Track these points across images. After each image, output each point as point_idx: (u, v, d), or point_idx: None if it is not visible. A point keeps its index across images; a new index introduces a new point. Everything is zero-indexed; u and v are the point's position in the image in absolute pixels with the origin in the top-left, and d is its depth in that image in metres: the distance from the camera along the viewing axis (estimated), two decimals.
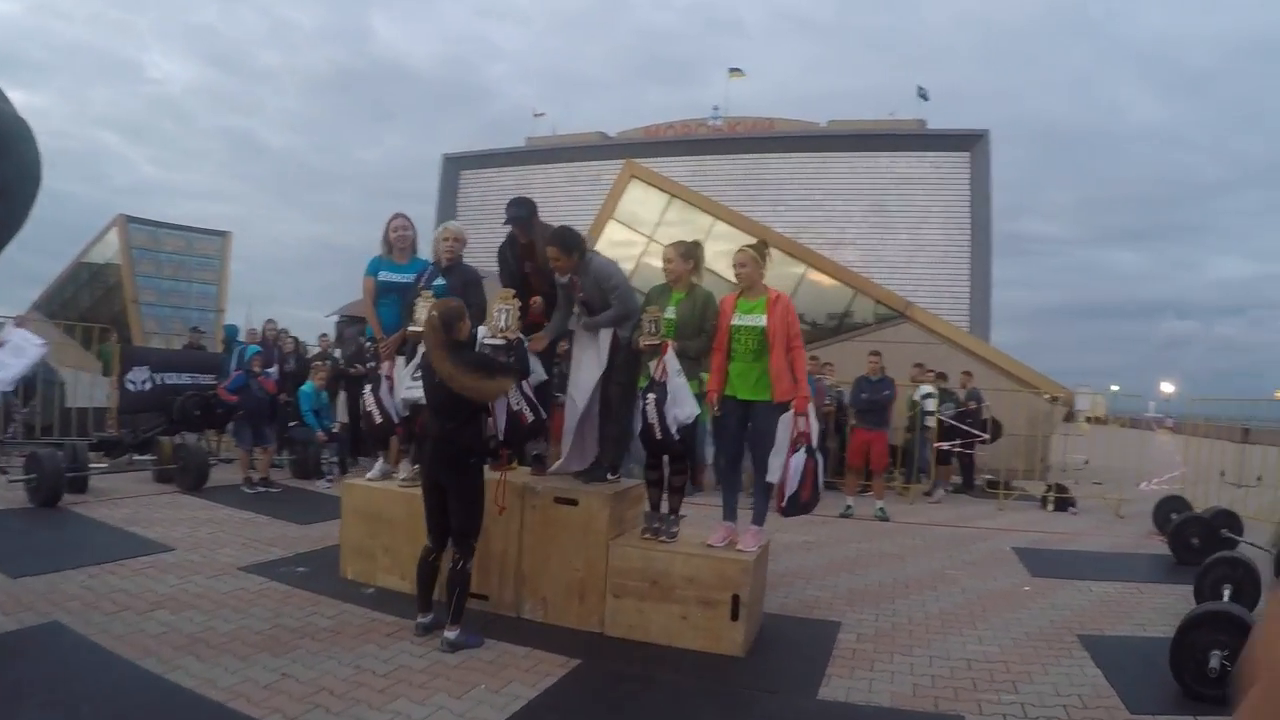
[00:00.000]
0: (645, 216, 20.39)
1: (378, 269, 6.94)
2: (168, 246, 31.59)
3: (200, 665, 4.73)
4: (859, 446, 11.84)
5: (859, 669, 5.38)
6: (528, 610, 5.99)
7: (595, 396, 6.24)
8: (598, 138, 62.90)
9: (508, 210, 6.56)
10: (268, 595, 6.20)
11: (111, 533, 7.91)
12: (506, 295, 6.15)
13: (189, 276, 32.07)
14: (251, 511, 9.28)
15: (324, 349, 14.75)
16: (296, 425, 12.13)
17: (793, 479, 5.58)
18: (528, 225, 6.54)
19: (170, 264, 31.49)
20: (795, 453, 5.60)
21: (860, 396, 11.98)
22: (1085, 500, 13.25)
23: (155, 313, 30.16)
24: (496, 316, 6.10)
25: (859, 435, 11.93)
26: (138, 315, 29.21)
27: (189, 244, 32.47)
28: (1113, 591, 7.67)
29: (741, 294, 5.96)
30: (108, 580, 6.25)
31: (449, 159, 66.47)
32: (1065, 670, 5.50)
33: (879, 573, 8.07)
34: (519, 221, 6.51)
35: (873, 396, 11.81)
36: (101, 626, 5.25)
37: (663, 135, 60.68)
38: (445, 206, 64.16)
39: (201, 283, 32.19)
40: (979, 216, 51.90)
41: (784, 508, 5.67)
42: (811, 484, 5.65)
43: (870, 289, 19.68)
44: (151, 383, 12.63)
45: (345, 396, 12.68)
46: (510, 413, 5.94)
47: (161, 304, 30.68)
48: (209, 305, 31.79)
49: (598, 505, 5.80)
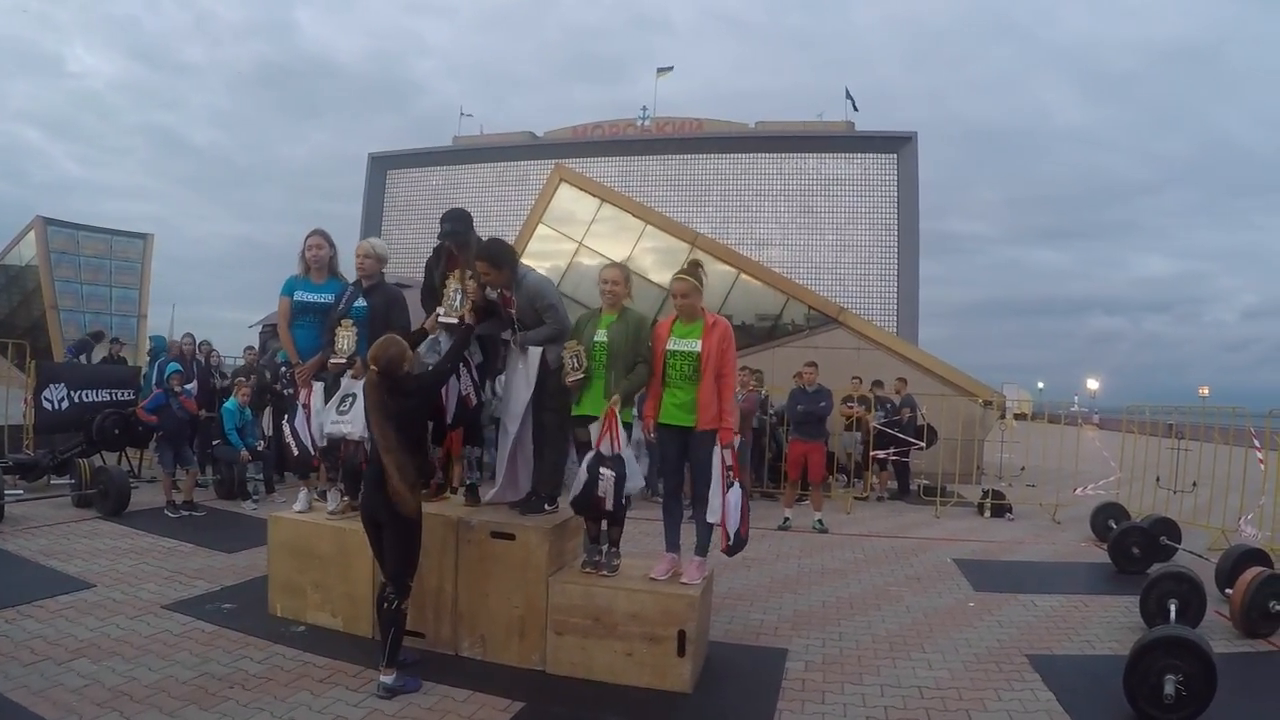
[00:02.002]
0: (575, 220, 20.23)
1: (293, 289, 6.67)
2: (88, 250, 30.73)
3: None
4: (796, 458, 11.74)
5: (810, 702, 5.27)
6: (465, 648, 5.79)
7: (527, 422, 6.08)
8: (526, 137, 62.73)
9: (443, 224, 6.34)
10: (193, 637, 5.93)
11: (29, 568, 7.57)
12: (462, 276, 5.99)
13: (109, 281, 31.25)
14: (175, 539, 8.94)
15: (249, 363, 14.36)
16: (220, 444, 11.78)
17: (732, 515, 5.48)
18: (464, 240, 6.31)
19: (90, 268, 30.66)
20: (730, 488, 5.49)
21: (796, 408, 11.90)
22: (1021, 506, 13.37)
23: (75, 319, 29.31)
24: (452, 296, 5.95)
25: (796, 447, 11.83)
26: (57, 322, 28.37)
27: (110, 247, 31.62)
28: (1057, 605, 7.68)
29: (678, 318, 5.82)
30: (25, 625, 5.95)
31: (375, 158, 65.91)
32: (1018, 695, 5.46)
33: (822, 592, 8.00)
34: (456, 237, 6.29)
35: (809, 408, 11.74)
36: (19, 680, 4.98)
37: (591, 136, 60.69)
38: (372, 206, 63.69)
39: (122, 287, 31.38)
40: (906, 217, 52.77)
41: (730, 546, 5.58)
42: (747, 517, 5.61)
43: (803, 294, 19.74)
44: (69, 400, 12.22)
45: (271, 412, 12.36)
46: (459, 397, 5.94)
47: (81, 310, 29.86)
48: (130, 310, 30.99)
49: (536, 540, 5.61)
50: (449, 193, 58.47)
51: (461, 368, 5.95)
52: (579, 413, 5.75)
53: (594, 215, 20.21)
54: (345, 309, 6.35)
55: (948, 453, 15.13)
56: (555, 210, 20.47)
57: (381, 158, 66.14)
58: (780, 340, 18.65)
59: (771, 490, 13.36)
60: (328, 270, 6.79)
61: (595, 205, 20.37)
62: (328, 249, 6.79)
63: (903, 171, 53.05)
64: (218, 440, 11.86)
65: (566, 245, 19.83)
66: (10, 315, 30.10)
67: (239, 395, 11.85)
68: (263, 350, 15.48)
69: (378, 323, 6.27)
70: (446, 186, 60.41)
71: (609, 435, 5.45)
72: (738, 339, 6.44)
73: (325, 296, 6.60)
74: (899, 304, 51.07)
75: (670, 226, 20.39)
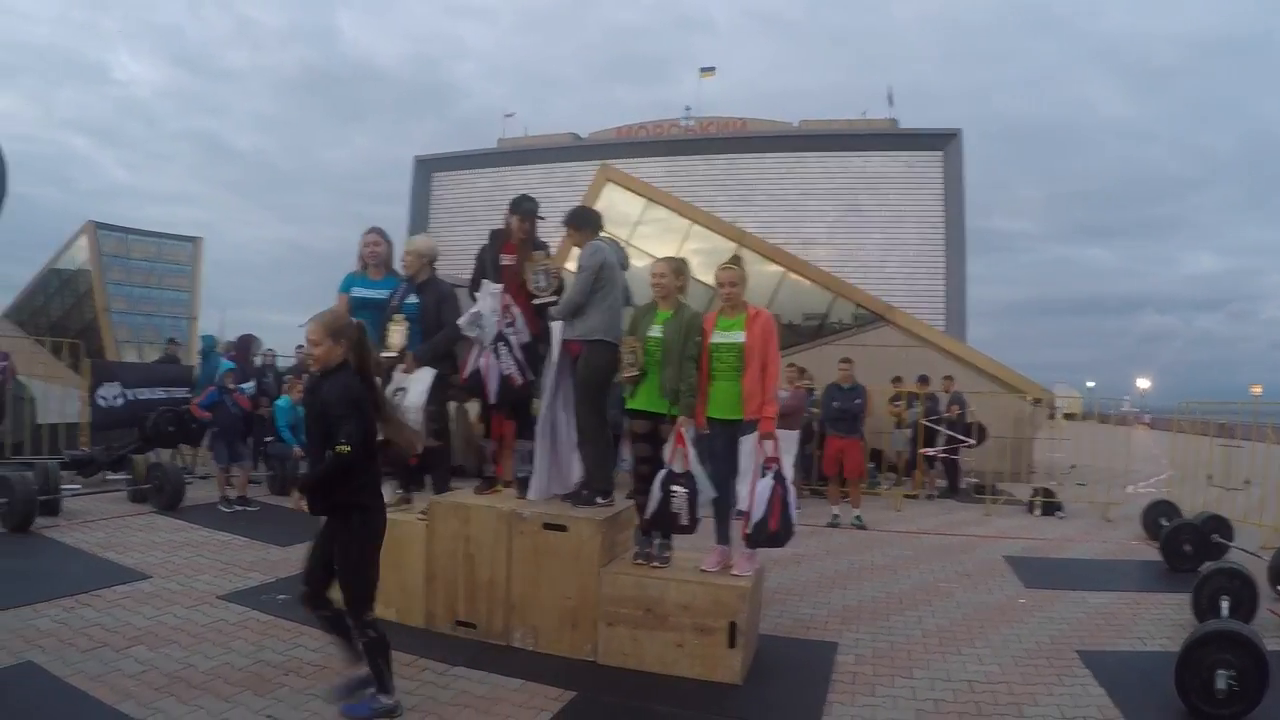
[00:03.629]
0: (622, 220, 20.22)
1: (351, 285, 6.76)
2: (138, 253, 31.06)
3: (181, 708, 4.57)
4: (833, 455, 11.72)
5: (860, 694, 5.26)
6: (517, 639, 5.83)
7: (557, 406, 6.21)
8: (570, 139, 62.78)
9: (518, 202, 6.45)
10: (249, 626, 6.02)
11: (86, 560, 7.71)
12: (540, 257, 6.17)
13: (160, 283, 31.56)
14: (229, 533, 9.09)
15: (300, 362, 14.50)
16: (273, 441, 11.93)
17: (759, 505, 5.45)
18: (534, 219, 6.46)
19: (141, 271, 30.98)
20: (762, 478, 5.48)
21: (832, 405, 11.88)
22: (1072, 504, 13.21)
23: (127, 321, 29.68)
24: (536, 278, 6.09)
25: (833, 443, 11.81)
26: (109, 324, 28.74)
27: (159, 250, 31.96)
28: (1108, 603, 7.58)
29: (722, 311, 5.84)
30: (83, 614, 6.06)
31: (420, 161, 66.16)
32: (1069, 690, 5.40)
33: (872, 587, 7.96)
34: (529, 214, 6.41)
35: (844, 405, 11.70)
36: (77, 666, 5.07)
37: (635, 136, 60.60)
38: (418, 209, 63.94)
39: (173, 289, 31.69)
40: (953, 215, 52.17)
41: (748, 535, 5.54)
42: (780, 513, 5.48)
43: (850, 292, 19.57)
44: (124, 399, 12.41)
45: None
46: (501, 376, 6.01)
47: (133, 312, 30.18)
48: (182, 312, 31.30)
49: (588, 531, 5.64)
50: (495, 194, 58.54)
51: (503, 346, 6.03)
52: (634, 406, 5.80)
53: (640, 215, 20.18)
54: (397, 305, 6.43)
55: (997, 451, 15.00)
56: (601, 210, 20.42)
57: (427, 160, 66.39)
58: (827, 338, 18.51)
59: (819, 488, 13.32)
60: (385, 267, 6.87)
61: (641, 205, 20.35)
62: (385, 246, 6.89)
63: (948, 169, 52.49)
64: (271, 437, 12.03)
65: None
66: (63, 317, 30.51)
67: (291, 393, 12.00)
68: None
69: (429, 319, 6.38)
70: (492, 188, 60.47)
71: (678, 452, 5.49)
72: (785, 338, 6.45)
73: (382, 292, 6.66)
74: (947, 302, 50.51)
75: (717, 225, 20.27)
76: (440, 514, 6.10)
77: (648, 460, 5.78)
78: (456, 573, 6.01)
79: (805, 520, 10.59)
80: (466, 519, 5.99)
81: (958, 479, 14.95)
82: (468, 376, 6.30)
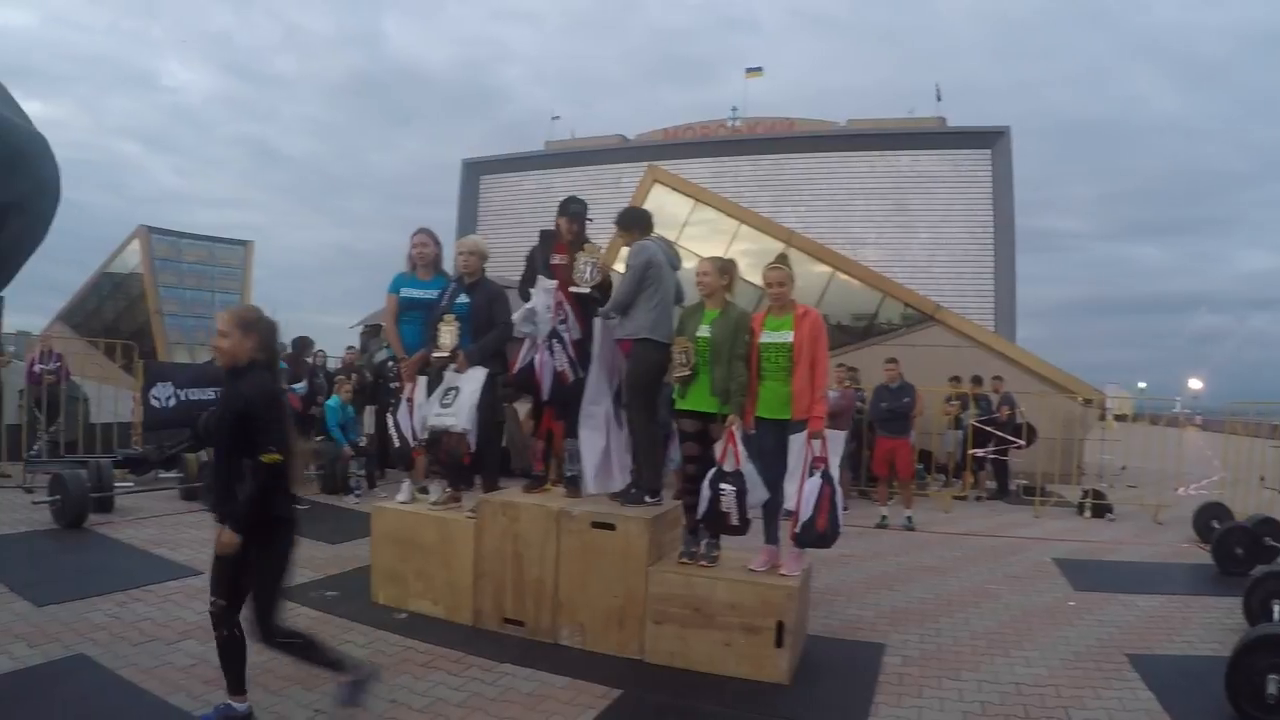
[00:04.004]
0: (670, 221, 20.21)
1: (400, 286, 6.82)
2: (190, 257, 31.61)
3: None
4: (883, 455, 11.66)
5: (907, 696, 5.21)
6: (565, 637, 5.85)
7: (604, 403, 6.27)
8: (617, 140, 63.01)
9: (566, 204, 6.49)
10: (298, 622, 6.06)
11: (138, 556, 7.85)
12: (591, 249, 6.21)
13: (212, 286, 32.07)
14: None
15: (349, 362, 14.65)
16: (323, 440, 12.06)
17: (806, 505, 5.43)
18: (583, 220, 6.48)
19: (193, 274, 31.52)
20: (810, 478, 5.46)
21: (880, 405, 11.83)
22: (1122, 506, 13.06)
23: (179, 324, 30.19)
24: (581, 269, 6.12)
25: (882, 444, 11.76)
26: (161, 326, 29.25)
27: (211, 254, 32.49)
28: (1158, 606, 7.48)
29: (769, 310, 5.83)
30: (135, 608, 6.18)
31: (469, 164, 66.69)
32: (1117, 694, 5.33)
33: (920, 588, 7.91)
34: (577, 215, 6.43)
35: (892, 405, 11.64)
36: (129, 659, 5.17)
37: (682, 137, 60.68)
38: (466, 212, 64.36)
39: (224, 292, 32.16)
40: (1001, 214, 51.79)
41: (796, 535, 5.53)
42: (828, 513, 5.46)
43: (898, 291, 19.43)
44: (176, 398, 12.57)
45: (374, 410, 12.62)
46: (554, 372, 6.05)
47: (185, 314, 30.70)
48: None
49: (636, 530, 5.65)
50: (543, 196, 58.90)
51: (556, 343, 6.06)
52: (684, 407, 5.79)
53: (688, 216, 20.15)
54: (448, 305, 6.47)
55: (1047, 452, 14.81)
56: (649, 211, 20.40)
57: (474, 163, 66.92)
58: (876, 339, 18.37)
59: (867, 489, 13.25)
60: (433, 268, 6.92)
61: (689, 206, 20.31)
62: (433, 247, 6.95)
63: (997, 167, 52.11)
64: (321, 436, 12.15)
65: None
66: (116, 320, 31.08)
67: (341, 393, 12.11)
68: (363, 350, 15.77)
69: (480, 319, 6.43)
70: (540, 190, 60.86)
71: (728, 451, 5.48)
72: (834, 338, 6.43)
73: (430, 293, 6.72)
74: (996, 302, 50.15)
75: (765, 225, 20.23)
76: (489, 512, 6.12)
77: (696, 460, 5.77)
78: (505, 571, 6.04)
79: (854, 521, 10.58)
80: (515, 517, 6.02)
81: (1007, 480, 14.80)
82: (518, 371, 6.31)
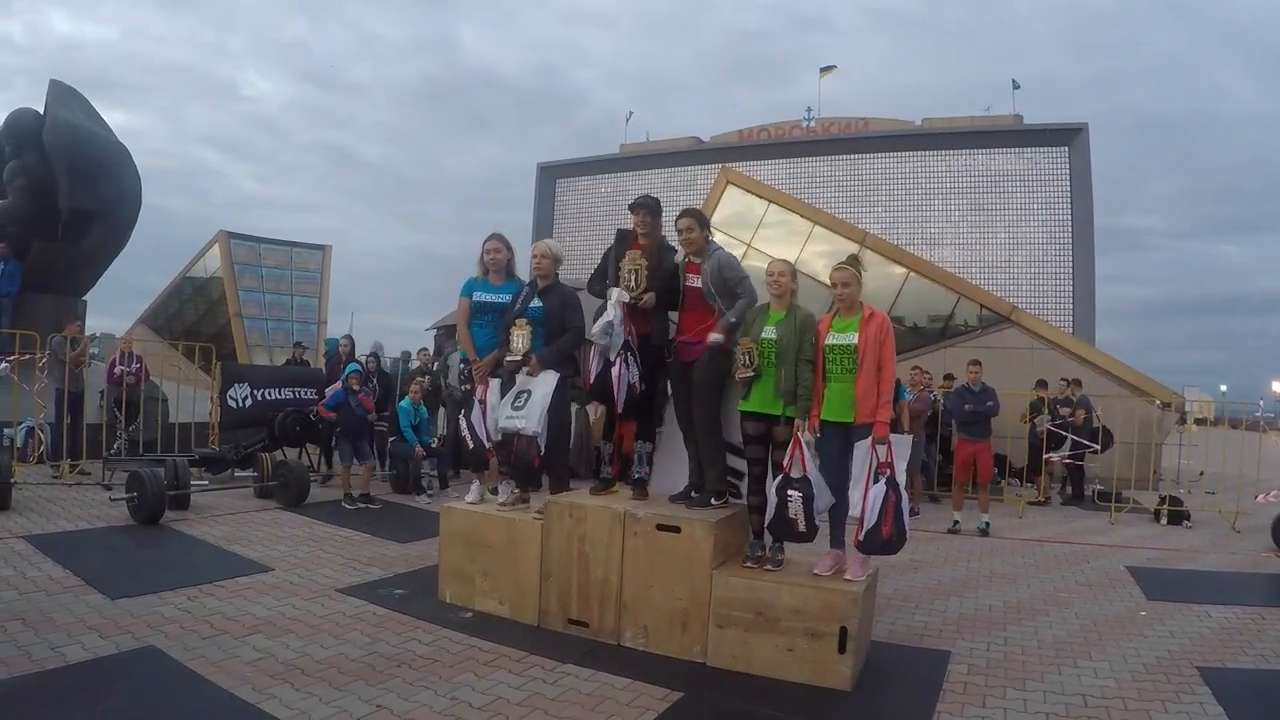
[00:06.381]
0: (744, 222, 20.20)
1: (472, 290, 6.90)
2: (269, 261, 32.08)
3: (294, 694, 4.70)
4: (965, 459, 11.44)
5: (970, 705, 5.12)
6: (628, 638, 5.86)
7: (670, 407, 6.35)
8: (691, 143, 63.07)
9: (636, 201, 6.49)
10: (364, 619, 6.18)
11: (211, 552, 8.04)
12: (635, 257, 6.13)
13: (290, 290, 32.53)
14: (350, 529, 9.36)
15: (423, 364, 14.85)
16: (395, 440, 12.23)
17: (871, 512, 5.37)
18: (657, 217, 6.46)
19: (271, 278, 31.98)
20: (875, 484, 5.40)
21: (964, 408, 11.62)
22: (1199, 513, 12.73)
23: (258, 326, 30.68)
24: (627, 276, 6.08)
25: (964, 447, 11.54)
26: (241, 329, 29.76)
27: (289, 258, 32.94)
28: (1233, 618, 7.26)
29: (836, 313, 5.78)
30: (206, 602, 6.31)
31: (544, 168, 67.23)
32: (1185, 709, 5.16)
33: (989, 595, 7.79)
34: (649, 209, 6.41)
35: (976, 407, 11.45)
36: (198, 651, 5.28)
37: (757, 138, 60.55)
38: (542, 215, 64.88)
39: (302, 296, 32.62)
40: (1080, 212, 50.89)
41: (861, 542, 5.48)
42: (893, 519, 5.40)
43: (974, 293, 19.12)
44: (252, 399, 12.85)
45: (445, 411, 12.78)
46: (627, 385, 6.02)
47: (264, 318, 31.19)
48: (310, 318, 32.20)
49: (701, 533, 5.64)
50: (618, 199, 59.13)
51: (630, 355, 6.05)
52: (747, 408, 5.74)
53: (762, 217, 20.12)
54: (521, 309, 6.53)
55: (1124, 457, 14.53)
56: (723, 213, 20.40)
57: (550, 167, 67.44)
58: (951, 340, 18.14)
59: (939, 494, 13.10)
60: (505, 273, 6.99)
61: (763, 207, 20.28)
62: (505, 252, 7.00)
63: (1074, 165, 51.17)
64: (394, 437, 12.33)
65: (735, 248, 19.72)
66: (196, 323, 31.72)
67: (412, 394, 12.29)
68: (438, 352, 15.97)
69: (553, 322, 6.48)
70: (615, 193, 61.10)
71: (795, 456, 5.46)
72: (908, 340, 6.37)
73: (503, 297, 6.79)
74: (1074, 303, 49.31)
75: (839, 226, 20.11)
76: (556, 513, 6.16)
77: (760, 462, 5.75)
78: (570, 572, 6.07)
79: (925, 526, 10.49)
80: (581, 519, 6.04)
81: (1082, 486, 14.49)
82: (595, 381, 6.29)
